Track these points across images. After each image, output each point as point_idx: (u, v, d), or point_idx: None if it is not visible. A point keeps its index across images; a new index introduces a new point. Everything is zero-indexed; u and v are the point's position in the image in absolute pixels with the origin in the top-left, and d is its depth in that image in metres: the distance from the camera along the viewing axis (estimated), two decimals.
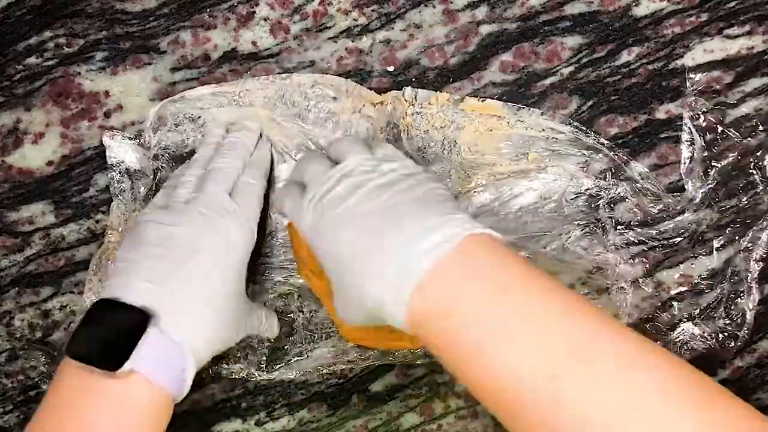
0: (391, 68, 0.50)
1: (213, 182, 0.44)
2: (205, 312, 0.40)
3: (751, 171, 0.50)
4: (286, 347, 0.51)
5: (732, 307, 0.51)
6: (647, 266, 0.51)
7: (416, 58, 0.50)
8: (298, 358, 0.51)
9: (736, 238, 0.51)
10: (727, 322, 0.51)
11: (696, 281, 0.51)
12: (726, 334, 0.51)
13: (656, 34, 0.50)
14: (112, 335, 0.37)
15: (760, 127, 0.50)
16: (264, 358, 0.51)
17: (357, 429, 0.53)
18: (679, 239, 0.51)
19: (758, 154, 0.50)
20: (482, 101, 0.50)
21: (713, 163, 0.50)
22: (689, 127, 0.50)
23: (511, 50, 0.50)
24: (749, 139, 0.50)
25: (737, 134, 0.50)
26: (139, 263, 0.40)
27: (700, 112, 0.50)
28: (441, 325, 0.33)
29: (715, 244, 0.51)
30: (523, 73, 0.50)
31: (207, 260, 0.41)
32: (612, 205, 0.51)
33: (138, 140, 0.50)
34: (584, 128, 0.50)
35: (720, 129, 0.50)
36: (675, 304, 0.51)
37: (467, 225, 0.34)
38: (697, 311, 0.51)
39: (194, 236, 0.41)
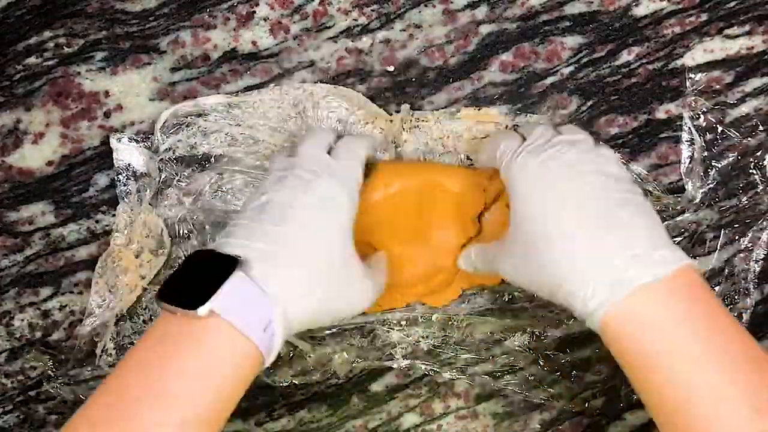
0: (391, 68, 0.50)
1: (309, 141, 0.43)
2: (302, 270, 0.38)
3: (751, 171, 0.50)
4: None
5: (730, 307, 0.51)
6: None
7: (416, 57, 0.50)
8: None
9: (736, 238, 0.51)
10: None
11: None
12: None
13: (656, 34, 0.50)
14: (198, 278, 0.36)
15: (760, 127, 0.50)
16: None
17: (357, 429, 0.53)
18: (679, 239, 0.51)
19: (758, 154, 0.50)
20: (478, 109, 0.50)
21: (713, 163, 0.50)
22: (689, 127, 0.50)
23: (511, 50, 0.50)
24: (749, 139, 0.50)
25: (737, 134, 0.50)
26: (239, 225, 0.39)
27: (700, 112, 0.50)
28: (632, 336, 0.36)
29: (715, 243, 0.51)
30: (523, 73, 0.50)
31: (302, 219, 0.39)
32: None
33: (145, 143, 0.50)
34: (580, 129, 0.50)
35: (720, 129, 0.50)
36: None
37: (680, 254, 0.37)
38: None
39: (289, 197, 0.40)
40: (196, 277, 0.36)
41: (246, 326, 0.35)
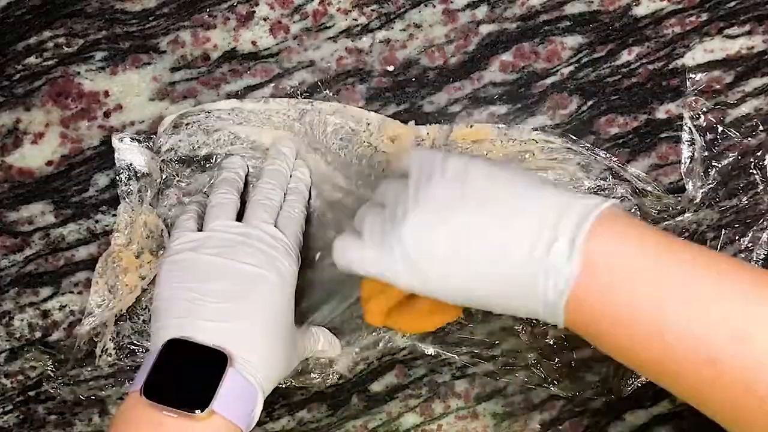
0: (391, 68, 0.50)
1: (262, 215, 0.45)
2: (270, 348, 0.41)
3: (751, 171, 0.50)
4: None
5: None
6: None
7: (416, 57, 0.50)
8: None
9: (736, 238, 0.51)
10: None
11: None
12: None
13: (656, 33, 0.50)
14: (192, 377, 0.38)
15: (760, 127, 0.50)
16: None
17: (357, 429, 0.53)
18: None
19: (758, 154, 0.50)
20: (470, 127, 0.50)
21: (713, 163, 0.50)
22: (689, 127, 0.50)
23: (511, 50, 0.50)
24: (749, 139, 0.50)
25: (737, 134, 0.50)
26: (204, 301, 0.40)
27: (700, 112, 0.50)
28: (603, 295, 0.32)
29: (715, 244, 0.51)
30: (523, 73, 0.50)
31: (266, 295, 0.42)
32: None
33: (146, 143, 0.50)
34: (575, 138, 0.50)
35: (720, 129, 0.50)
36: None
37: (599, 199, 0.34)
38: None
39: (253, 271, 0.42)
40: (185, 372, 0.38)
41: (238, 417, 0.39)
